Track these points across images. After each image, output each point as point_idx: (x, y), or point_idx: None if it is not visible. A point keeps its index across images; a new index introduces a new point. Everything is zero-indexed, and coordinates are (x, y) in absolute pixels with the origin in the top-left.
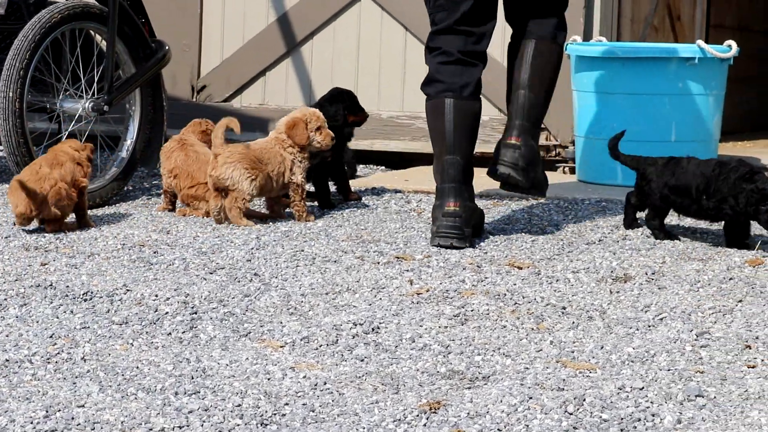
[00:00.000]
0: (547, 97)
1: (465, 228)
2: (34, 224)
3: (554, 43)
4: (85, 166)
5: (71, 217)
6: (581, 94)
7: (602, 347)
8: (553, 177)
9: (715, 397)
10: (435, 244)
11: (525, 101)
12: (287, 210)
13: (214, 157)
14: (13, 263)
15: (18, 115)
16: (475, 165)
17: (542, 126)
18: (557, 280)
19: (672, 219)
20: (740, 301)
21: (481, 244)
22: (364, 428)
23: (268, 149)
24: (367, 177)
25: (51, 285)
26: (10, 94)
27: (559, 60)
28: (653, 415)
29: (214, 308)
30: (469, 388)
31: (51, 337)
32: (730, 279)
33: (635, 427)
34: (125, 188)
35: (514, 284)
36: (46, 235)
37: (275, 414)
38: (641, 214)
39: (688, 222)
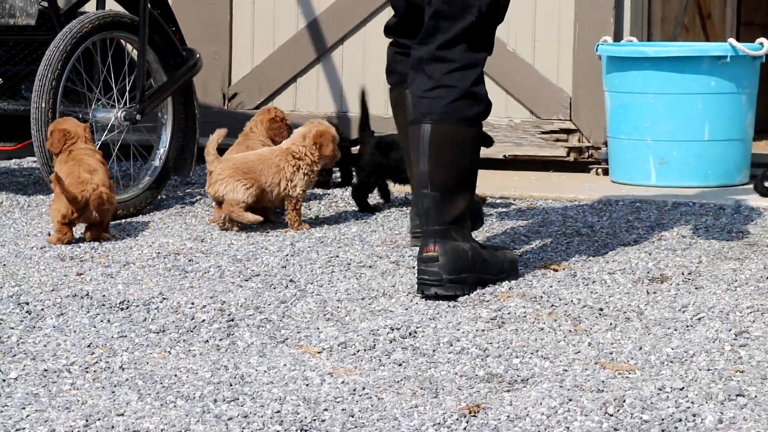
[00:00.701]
0: (458, 187)
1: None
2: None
3: (456, 124)
4: (105, 165)
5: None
6: (613, 95)
7: (641, 348)
8: (586, 178)
9: (756, 396)
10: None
11: (429, 203)
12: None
13: (209, 174)
14: (49, 273)
15: None
16: (501, 168)
17: (574, 127)
18: (593, 282)
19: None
20: None
21: (516, 247)
22: None
23: (265, 160)
24: None
25: (87, 294)
26: (43, 105)
27: (471, 143)
28: (694, 416)
29: (250, 315)
30: (508, 391)
31: (89, 346)
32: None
33: (676, 428)
34: (159, 197)
35: (551, 286)
36: (81, 245)
37: (315, 420)
38: None
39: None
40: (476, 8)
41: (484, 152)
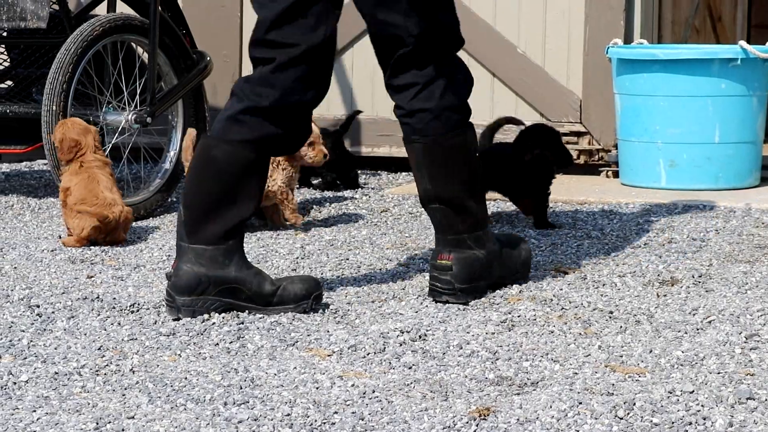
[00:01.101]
0: (466, 195)
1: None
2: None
3: (448, 135)
4: (113, 173)
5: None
6: (623, 97)
7: (651, 351)
8: (597, 181)
9: (766, 400)
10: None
11: (441, 217)
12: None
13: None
14: (60, 276)
15: None
16: None
17: (584, 130)
18: (604, 285)
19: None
20: None
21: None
22: None
23: None
24: (409, 184)
25: (98, 297)
26: (54, 108)
27: (464, 149)
28: (704, 419)
29: (260, 318)
30: (518, 394)
31: (99, 349)
32: None
33: (686, 431)
34: (169, 200)
35: (561, 289)
36: (92, 247)
37: (324, 423)
38: None
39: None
40: (409, 39)
41: None
